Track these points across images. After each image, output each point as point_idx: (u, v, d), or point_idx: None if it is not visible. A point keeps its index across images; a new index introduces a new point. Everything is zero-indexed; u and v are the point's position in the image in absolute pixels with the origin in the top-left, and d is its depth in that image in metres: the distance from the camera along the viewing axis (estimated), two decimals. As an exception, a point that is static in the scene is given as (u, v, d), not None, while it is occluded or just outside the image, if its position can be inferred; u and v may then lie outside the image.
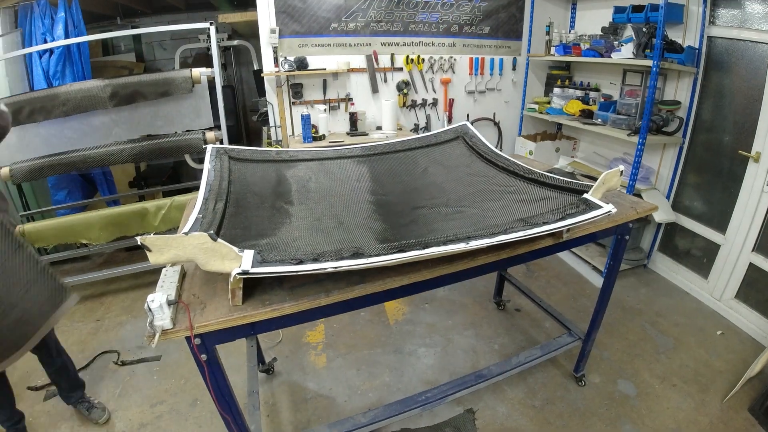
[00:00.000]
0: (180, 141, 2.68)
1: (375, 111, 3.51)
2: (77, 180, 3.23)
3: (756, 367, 1.88)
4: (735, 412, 1.85)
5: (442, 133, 2.18)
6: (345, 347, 2.35)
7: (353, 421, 1.60)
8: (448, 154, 2.02)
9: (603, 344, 2.26)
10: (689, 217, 2.76)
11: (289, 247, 1.16)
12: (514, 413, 1.90)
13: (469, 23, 3.51)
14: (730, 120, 2.49)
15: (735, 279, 2.46)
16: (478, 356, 2.27)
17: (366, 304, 1.20)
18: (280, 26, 3.12)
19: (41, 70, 2.83)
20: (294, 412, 1.96)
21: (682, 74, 2.64)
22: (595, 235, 1.49)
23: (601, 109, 3.07)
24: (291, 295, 1.07)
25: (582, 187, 1.41)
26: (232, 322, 1.01)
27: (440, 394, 1.71)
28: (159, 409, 1.98)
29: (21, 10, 2.89)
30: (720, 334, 2.37)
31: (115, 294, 2.91)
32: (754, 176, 2.30)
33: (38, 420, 1.93)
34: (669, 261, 2.95)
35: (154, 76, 2.57)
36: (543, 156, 3.53)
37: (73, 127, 2.54)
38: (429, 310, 2.66)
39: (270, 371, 2.17)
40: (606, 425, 1.83)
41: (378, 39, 3.36)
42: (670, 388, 2.01)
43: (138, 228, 2.78)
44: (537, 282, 2.94)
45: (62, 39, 2.77)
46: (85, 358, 2.28)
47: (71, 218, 2.77)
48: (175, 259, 0.95)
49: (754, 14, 2.26)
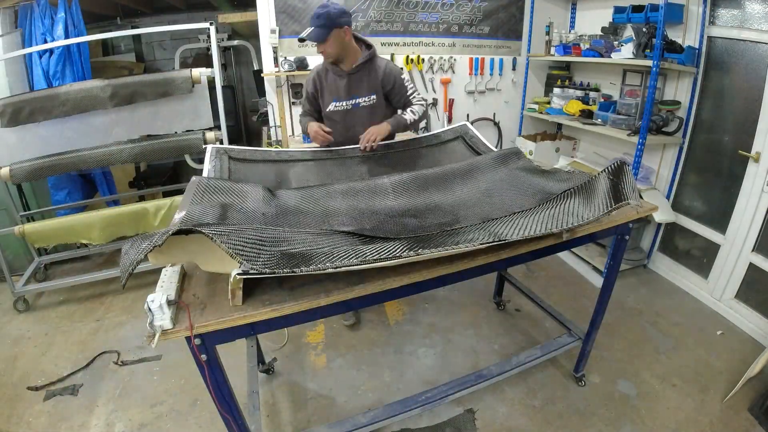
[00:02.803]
0: (180, 141, 2.68)
1: (375, 111, 3.51)
2: (77, 180, 3.23)
3: (756, 367, 1.88)
4: (735, 412, 1.85)
5: (442, 133, 2.19)
6: (345, 347, 2.35)
7: (353, 421, 1.60)
8: (448, 154, 2.02)
9: (603, 344, 2.26)
10: (689, 217, 2.76)
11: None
12: (514, 413, 1.90)
13: (469, 23, 3.51)
14: (730, 120, 2.49)
15: (735, 279, 2.46)
16: (478, 356, 2.27)
17: (366, 304, 1.20)
18: (280, 26, 3.12)
19: (41, 70, 2.83)
20: (294, 412, 1.96)
21: (682, 74, 2.64)
22: (595, 235, 1.49)
23: (601, 109, 3.07)
24: (291, 295, 1.07)
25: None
26: (232, 323, 1.01)
27: (440, 394, 1.71)
28: (159, 409, 1.98)
29: (21, 10, 2.89)
30: (720, 334, 2.37)
31: (115, 294, 2.91)
32: (754, 176, 2.30)
33: (38, 420, 1.93)
34: (669, 261, 2.95)
35: (154, 76, 2.58)
36: (543, 156, 3.53)
37: (73, 127, 2.54)
38: (429, 310, 2.66)
39: (270, 371, 2.17)
40: (606, 425, 1.82)
41: (378, 39, 3.36)
42: (670, 388, 2.01)
43: (138, 228, 2.78)
44: (537, 282, 2.94)
45: (62, 39, 2.77)
46: (85, 358, 2.28)
47: (71, 218, 2.77)
48: (175, 259, 0.95)
49: (754, 14, 2.26)
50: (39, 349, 2.39)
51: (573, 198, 1.30)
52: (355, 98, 2.11)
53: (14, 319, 2.68)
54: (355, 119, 2.12)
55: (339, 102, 2.11)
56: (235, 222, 1.16)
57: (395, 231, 1.28)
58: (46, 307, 2.80)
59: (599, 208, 1.21)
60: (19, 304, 2.72)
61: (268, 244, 1.02)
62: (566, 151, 3.67)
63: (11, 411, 1.98)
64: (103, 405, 2.00)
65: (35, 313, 2.74)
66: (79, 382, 2.14)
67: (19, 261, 3.07)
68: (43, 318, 2.69)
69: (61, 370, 2.22)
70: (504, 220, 1.23)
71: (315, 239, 1.12)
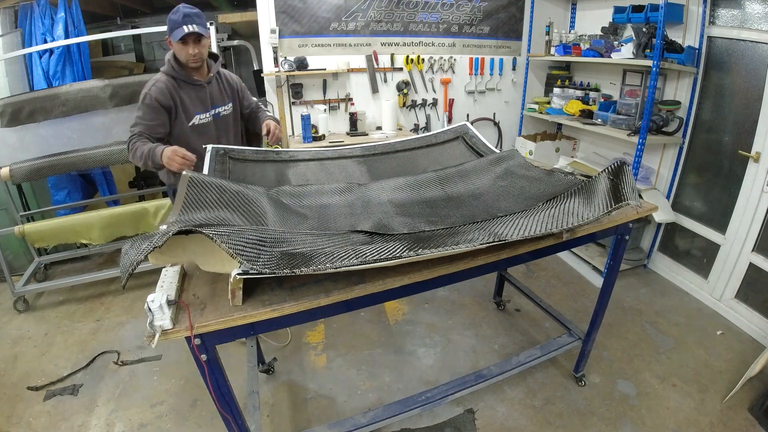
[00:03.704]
0: (180, 141, 2.68)
1: (375, 111, 3.51)
2: (77, 180, 3.23)
3: (756, 367, 1.88)
4: (735, 412, 1.85)
5: (442, 133, 2.18)
6: (345, 347, 2.35)
7: (353, 421, 1.60)
8: (448, 155, 2.02)
9: (603, 344, 2.26)
10: (689, 217, 2.76)
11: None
12: (514, 413, 1.90)
13: (469, 23, 3.51)
14: (730, 120, 2.49)
15: (735, 279, 2.46)
16: (478, 356, 2.27)
17: (366, 304, 1.20)
18: (280, 26, 3.12)
19: (41, 70, 2.83)
20: (294, 412, 1.96)
21: (682, 74, 2.64)
22: (595, 235, 1.49)
23: (601, 109, 3.07)
24: (291, 295, 1.07)
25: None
26: (232, 323, 1.01)
27: (440, 394, 1.71)
28: (159, 409, 1.98)
29: (21, 10, 2.89)
30: (720, 334, 2.37)
31: (115, 294, 2.91)
32: (754, 176, 2.30)
33: (38, 420, 1.93)
34: (669, 261, 2.95)
35: (154, 76, 2.57)
36: (543, 156, 3.53)
37: (73, 127, 2.55)
38: (429, 310, 2.66)
39: (270, 371, 2.17)
40: (606, 425, 1.82)
41: (378, 39, 3.36)
42: (670, 388, 2.01)
43: (138, 228, 2.78)
44: (537, 282, 2.94)
45: (62, 39, 2.77)
46: (85, 358, 2.28)
47: (71, 218, 2.77)
48: (176, 259, 0.95)
49: (754, 14, 2.26)
50: (39, 349, 2.39)
51: (573, 198, 1.30)
52: (216, 108, 1.99)
53: (14, 319, 2.68)
54: (219, 130, 2.02)
55: (202, 114, 1.93)
56: (234, 222, 1.16)
57: (395, 230, 1.28)
58: (46, 307, 2.80)
59: (599, 208, 1.21)
60: (19, 304, 2.72)
61: (269, 245, 1.02)
62: (566, 151, 3.67)
63: (11, 411, 1.98)
64: (103, 405, 2.00)
65: (35, 313, 2.74)
66: (79, 382, 2.14)
67: (19, 261, 3.07)
68: (43, 318, 2.69)
69: (61, 370, 2.22)
70: (504, 220, 1.23)
71: (315, 240, 1.12)
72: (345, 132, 3.42)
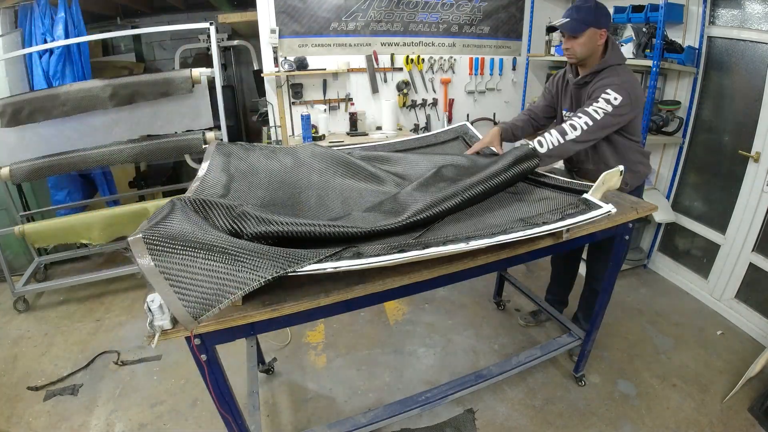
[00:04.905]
0: (180, 141, 2.68)
1: (375, 111, 3.51)
2: (77, 180, 3.23)
3: (756, 367, 1.88)
4: (735, 412, 1.85)
5: (442, 133, 2.18)
6: (345, 347, 2.35)
7: (353, 421, 1.60)
8: (447, 155, 2.01)
9: (603, 344, 2.26)
10: (689, 217, 2.76)
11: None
12: (514, 413, 1.90)
13: (469, 23, 3.51)
14: (730, 120, 2.49)
15: (735, 279, 2.45)
16: (478, 356, 2.27)
17: (366, 304, 1.20)
18: (280, 26, 3.13)
19: (41, 70, 2.83)
20: (294, 412, 1.96)
21: (682, 74, 2.64)
22: (595, 235, 1.49)
23: (601, 109, 3.06)
24: (291, 295, 1.07)
25: (582, 187, 1.41)
26: (232, 322, 1.01)
27: (440, 394, 1.71)
28: (159, 409, 1.98)
29: (21, 10, 2.89)
30: (720, 334, 2.37)
31: (115, 294, 2.91)
32: (754, 176, 2.30)
33: (38, 420, 1.93)
34: (669, 261, 2.95)
35: (153, 76, 2.57)
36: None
37: (73, 127, 2.54)
38: (429, 310, 2.66)
39: (270, 371, 2.17)
40: (606, 425, 1.82)
41: (378, 39, 3.37)
42: (670, 388, 2.01)
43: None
44: (537, 282, 2.94)
45: (62, 39, 2.77)
46: (85, 358, 2.28)
47: (71, 218, 2.77)
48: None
49: (754, 14, 2.26)
50: (39, 349, 2.39)
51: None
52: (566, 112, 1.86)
53: (14, 319, 2.68)
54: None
55: (567, 113, 1.84)
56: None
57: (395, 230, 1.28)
58: (46, 307, 2.80)
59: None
60: (19, 304, 2.72)
61: (267, 257, 1.01)
62: (566, 151, 3.66)
63: (11, 411, 1.97)
64: (103, 405, 2.00)
65: (35, 313, 2.74)
66: (79, 382, 2.14)
67: (19, 261, 3.07)
68: (43, 318, 2.69)
69: (61, 370, 2.22)
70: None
71: (314, 242, 1.12)
72: (345, 132, 3.42)
